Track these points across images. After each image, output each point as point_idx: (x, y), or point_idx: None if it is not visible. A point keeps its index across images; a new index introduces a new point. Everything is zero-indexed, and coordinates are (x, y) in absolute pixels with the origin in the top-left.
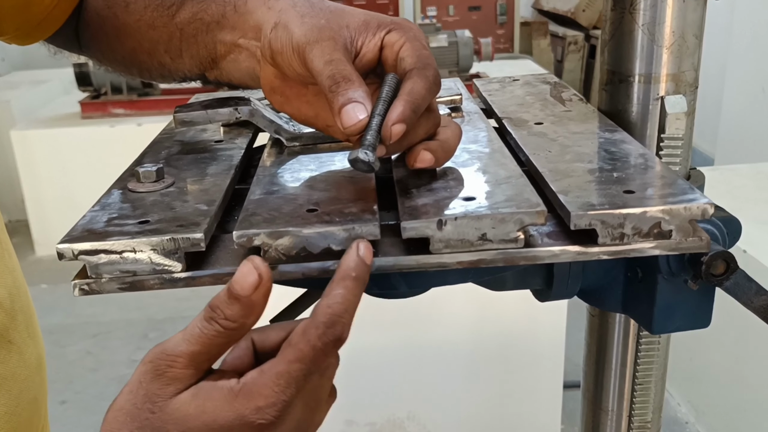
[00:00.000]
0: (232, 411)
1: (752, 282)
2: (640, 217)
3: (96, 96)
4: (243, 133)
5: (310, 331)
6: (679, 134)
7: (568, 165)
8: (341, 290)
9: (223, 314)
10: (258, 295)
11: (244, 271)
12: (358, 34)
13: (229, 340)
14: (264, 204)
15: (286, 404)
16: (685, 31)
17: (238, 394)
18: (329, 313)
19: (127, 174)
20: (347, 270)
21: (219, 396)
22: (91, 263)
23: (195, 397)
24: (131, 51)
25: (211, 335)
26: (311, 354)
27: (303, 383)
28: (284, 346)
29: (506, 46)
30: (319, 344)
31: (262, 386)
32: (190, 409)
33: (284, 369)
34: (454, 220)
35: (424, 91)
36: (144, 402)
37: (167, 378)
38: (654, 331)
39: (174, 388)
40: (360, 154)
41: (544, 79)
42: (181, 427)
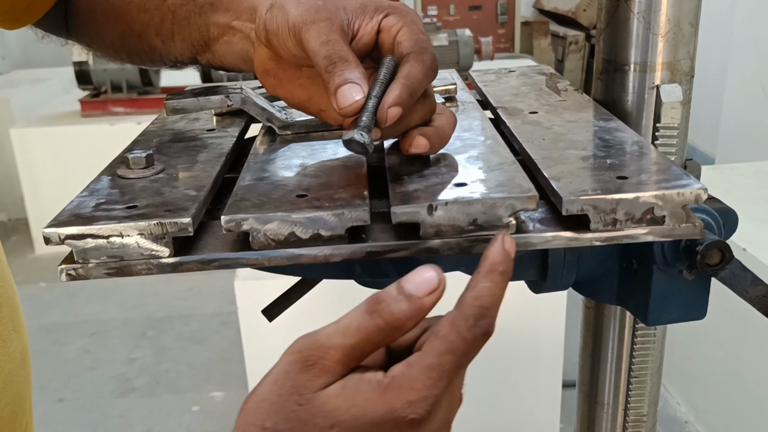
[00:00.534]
0: (383, 405)
1: (748, 272)
2: (632, 202)
3: (96, 94)
4: (236, 122)
5: (460, 323)
6: (674, 123)
7: (562, 152)
8: (489, 284)
9: (390, 310)
10: (429, 301)
11: (423, 272)
12: (355, 17)
13: (385, 339)
14: (253, 190)
15: (437, 399)
16: (680, 19)
17: (388, 387)
18: (478, 306)
19: (117, 161)
20: (494, 264)
21: (368, 389)
22: (77, 248)
23: (344, 389)
24: (121, 34)
25: (370, 330)
26: (462, 346)
27: (453, 377)
28: (431, 339)
29: (507, 45)
30: (470, 336)
31: (412, 379)
32: (339, 402)
33: (435, 362)
34: (444, 205)
35: (421, 75)
36: (290, 393)
37: (317, 370)
38: (649, 322)
39: (323, 381)
40: (355, 135)
41: (540, 71)
42: (329, 421)
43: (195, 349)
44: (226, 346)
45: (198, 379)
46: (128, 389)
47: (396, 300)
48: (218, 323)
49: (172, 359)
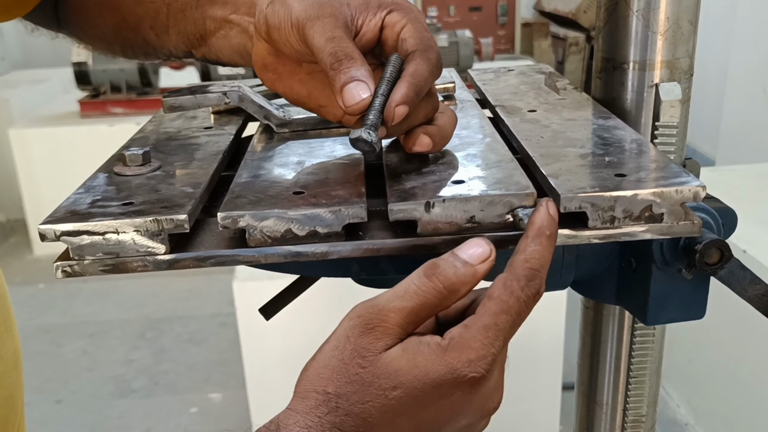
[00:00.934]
0: (444, 365)
1: (747, 271)
2: (630, 199)
3: (95, 95)
4: (233, 120)
5: (512, 284)
6: (673, 122)
7: (560, 150)
8: (537, 246)
9: (446, 273)
10: (482, 269)
11: (475, 241)
12: (358, 13)
13: (441, 303)
14: (250, 187)
15: (494, 358)
16: (679, 17)
17: (448, 348)
18: (528, 267)
19: (114, 158)
20: (541, 227)
21: (428, 351)
22: (73, 244)
23: (405, 351)
24: (114, 27)
25: (427, 293)
26: (516, 305)
27: (508, 336)
28: (485, 301)
29: (507, 46)
30: (523, 296)
31: (470, 339)
32: (402, 363)
33: (491, 321)
34: (442, 202)
35: (426, 73)
36: (353, 357)
37: (378, 332)
38: (648, 322)
39: (384, 344)
40: (363, 134)
41: (539, 69)
42: (393, 382)
43: (193, 350)
44: (224, 348)
45: (196, 381)
46: (126, 390)
47: (452, 265)
48: (217, 324)
49: (170, 360)
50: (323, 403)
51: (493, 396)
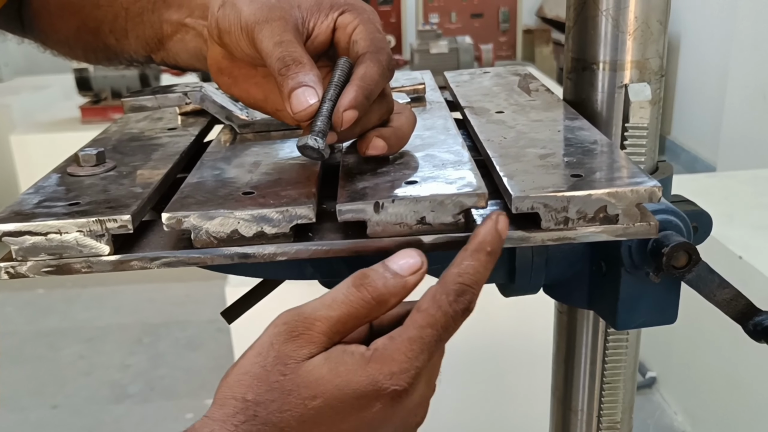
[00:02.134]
0: (366, 376)
1: (715, 275)
2: (584, 199)
3: (96, 101)
4: (199, 121)
5: (441, 298)
6: (643, 123)
7: (520, 150)
8: (474, 262)
9: (375, 284)
10: (413, 279)
11: (407, 252)
12: (309, 15)
13: (369, 314)
14: (200, 187)
15: (418, 371)
16: (648, 16)
17: (371, 359)
18: (460, 282)
19: (70, 159)
20: (483, 243)
21: (351, 360)
22: (15, 245)
23: (327, 360)
24: (75, 30)
25: (355, 303)
26: (443, 320)
27: (434, 351)
28: (413, 313)
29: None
30: (450, 311)
31: (394, 351)
32: (323, 372)
33: (416, 334)
34: (391, 202)
35: (377, 75)
36: (275, 364)
37: (303, 340)
38: (618, 326)
39: (308, 351)
40: (309, 141)
41: (515, 71)
42: (313, 391)
43: (190, 355)
44: (221, 353)
45: (192, 386)
46: (122, 396)
47: (381, 276)
48: (214, 330)
49: (167, 365)
50: (241, 411)
51: (416, 411)
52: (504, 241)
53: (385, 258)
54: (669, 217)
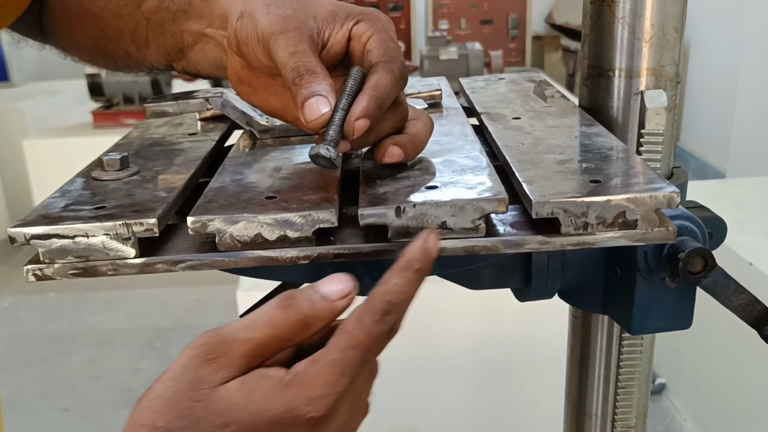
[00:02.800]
0: (282, 402)
1: (731, 280)
2: (603, 205)
3: (108, 106)
4: (219, 126)
5: (366, 318)
6: (659, 130)
7: (538, 156)
8: (401, 280)
9: (300, 307)
10: (340, 305)
11: (338, 277)
12: (325, 25)
13: (293, 337)
14: (224, 191)
15: (339, 396)
16: (664, 24)
17: (289, 384)
18: (386, 300)
19: (94, 163)
20: (411, 261)
21: (269, 386)
22: (43, 247)
23: (243, 386)
24: (96, 39)
25: (278, 325)
26: (366, 341)
27: (357, 374)
28: (336, 334)
29: (518, 59)
30: (375, 331)
31: (314, 376)
32: (237, 398)
33: (338, 357)
34: (412, 207)
35: (389, 85)
36: (188, 389)
37: (219, 364)
38: (633, 331)
39: (223, 376)
40: (321, 150)
41: (530, 78)
42: (226, 418)
43: None
44: None
45: None
46: (132, 400)
47: (308, 299)
48: None
49: None
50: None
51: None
52: (433, 259)
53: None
54: (685, 223)
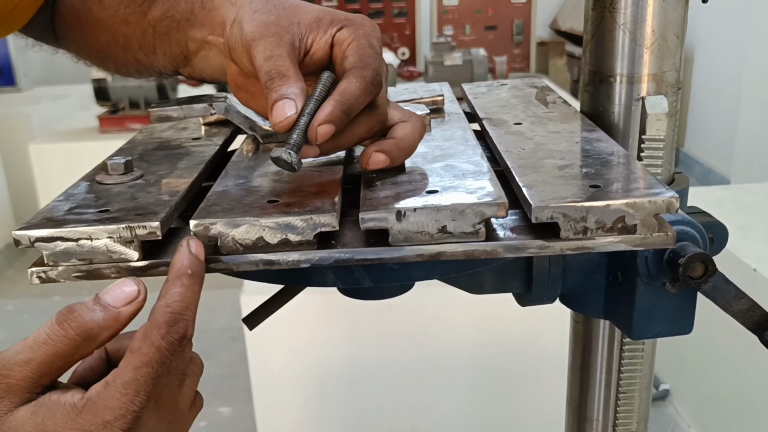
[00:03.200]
0: (77, 428)
1: (731, 285)
2: (603, 210)
3: (114, 111)
4: (222, 131)
5: (152, 333)
6: (660, 135)
7: (539, 161)
8: (178, 288)
9: (81, 319)
10: (126, 311)
11: (123, 284)
12: (308, 31)
13: (77, 351)
14: (226, 195)
15: (136, 415)
16: (665, 30)
17: (83, 409)
18: (169, 312)
19: (98, 167)
20: (181, 268)
21: (62, 413)
22: (47, 250)
23: (34, 414)
24: (106, 45)
25: (58, 341)
26: (157, 356)
27: (152, 389)
28: (127, 354)
29: (522, 65)
30: (164, 344)
31: (108, 398)
32: (28, 428)
33: (131, 376)
34: (413, 211)
35: (358, 91)
36: None
37: (2, 390)
38: (634, 336)
39: (9, 402)
40: (283, 154)
41: (532, 84)
42: None
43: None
44: (234, 361)
45: (206, 394)
46: None
47: (89, 309)
48: (227, 338)
49: None
50: None
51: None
52: (203, 262)
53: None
54: (686, 228)
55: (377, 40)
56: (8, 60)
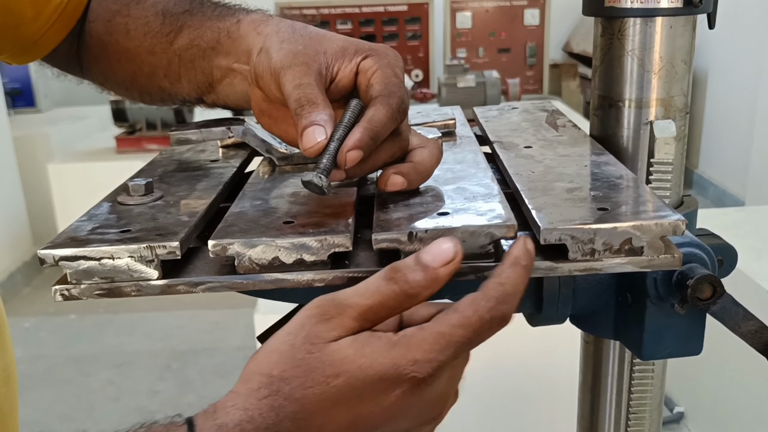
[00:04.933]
0: (389, 358)
1: (739, 307)
2: (610, 232)
3: (131, 132)
4: (240, 154)
5: (480, 303)
6: (668, 159)
7: (548, 184)
8: (513, 273)
9: (406, 278)
10: (445, 271)
11: (441, 243)
12: (334, 60)
13: (400, 305)
14: (243, 216)
15: (441, 365)
16: (673, 56)
17: (396, 343)
18: (502, 290)
19: (120, 188)
20: (518, 257)
21: (377, 343)
22: (71, 269)
23: (354, 341)
24: (132, 75)
25: (386, 294)
26: (477, 324)
27: (458, 351)
28: (449, 311)
29: (535, 87)
30: (487, 316)
31: (421, 340)
32: (349, 352)
33: (447, 330)
34: (424, 232)
35: (385, 118)
36: (303, 342)
37: (334, 323)
38: (644, 356)
39: (336, 334)
40: (314, 178)
41: (542, 107)
42: (336, 369)
43: (218, 382)
44: None
45: None
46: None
47: (412, 269)
48: (242, 357)
49: (194, 392)
50: (265, 386)
51: (435, 404)
52: (533, 260)
53: None
54: (694, 250)
55: (401, 69)
56: (29, 81)
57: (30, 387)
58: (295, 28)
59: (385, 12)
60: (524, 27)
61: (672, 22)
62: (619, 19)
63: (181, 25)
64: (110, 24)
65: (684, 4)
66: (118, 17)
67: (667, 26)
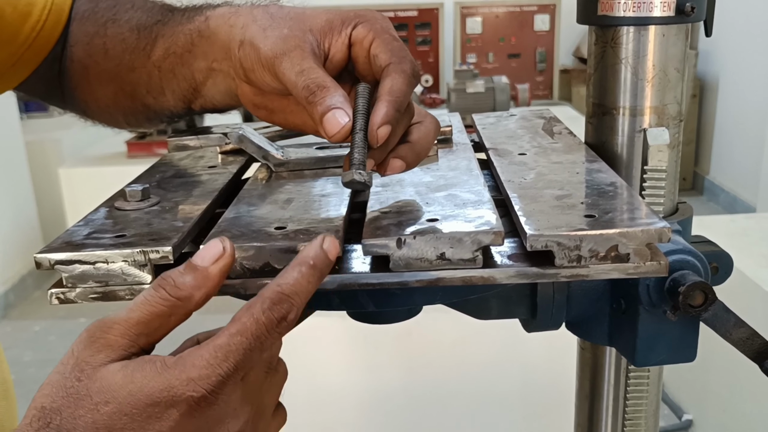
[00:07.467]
0: (160, 381)
1: (731, 314)
2: (596, 238)
3: (142, 136)
4: (238, 159)
5: (255, 306)
6: (662, 166)
7: (538, 191)
8: (294, 273)
9: (174, 282)
10: (215, 269)
11: (209, 244)
12: (323, 36)
13: (172, 312)
14: (236, 222)
15: (221, 379)
16: (666, 65)
17: (171, 366)
18: (277, 291)
19: (117, 194)
20: (305, 257)
21: (150, 368)
22: (66, 273)
23: (125, 367)
24: (114, 96)
25: (154, 302)
26: (253, 327)
27: (241, 360)
28: (230, 322)
29: (545, 92)
30: (263, 318)
31: (197, 357)
32: (117, 378)
33: (224, 341)
34: (413, 238)
35: (404, 86)
36: (72, 370)
37: (99, 345)
38: (637, 363)
39: (105, 356)
40: (355, 176)
41: (540, 114)
42: (104, 396)
43: None
44: None
45: None
46: None
47: (181, 273)
48: None
49: None
50: (37, 419)
51: (224, 421)
52: (331, 260)
53: (406, 291)
54: (686, 257)
55: (394, 31)
56: None
57: None
58: (272, 13)
59: (395, 17)
60: (534, 32)
61: (665, 31)
62: (613, 28)
63: (156, 35)
64: (89, 46)
65: (676, 12)
66: (96, 38)
67: (659, 34)
